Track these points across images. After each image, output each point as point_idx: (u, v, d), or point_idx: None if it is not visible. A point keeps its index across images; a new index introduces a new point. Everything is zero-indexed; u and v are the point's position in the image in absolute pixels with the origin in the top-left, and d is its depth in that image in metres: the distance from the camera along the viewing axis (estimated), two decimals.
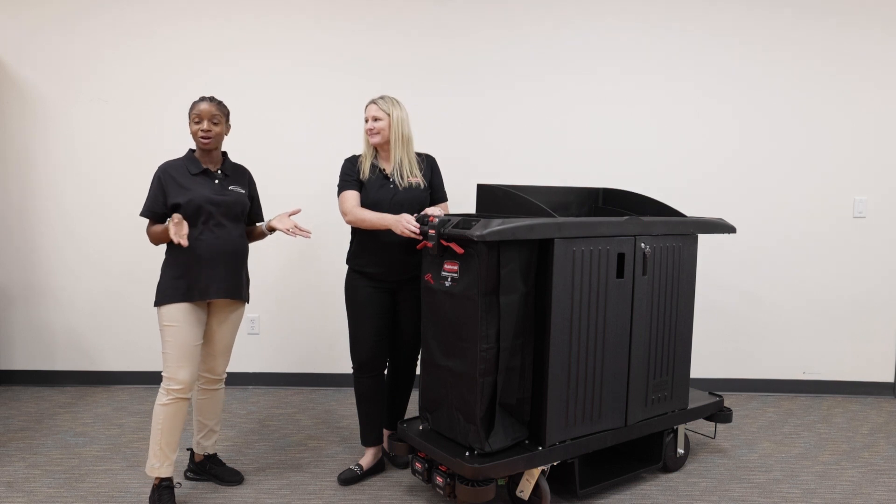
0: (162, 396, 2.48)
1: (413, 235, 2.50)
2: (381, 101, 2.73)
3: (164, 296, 2.48)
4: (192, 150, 2.60)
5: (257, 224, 2.78)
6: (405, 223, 2.50)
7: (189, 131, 2.60)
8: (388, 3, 3.89)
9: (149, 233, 2.53)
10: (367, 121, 2.74)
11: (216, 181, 2.56)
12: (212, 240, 2.51)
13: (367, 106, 2.75)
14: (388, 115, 2.71)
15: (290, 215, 2.63)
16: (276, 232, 3.95)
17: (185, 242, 2.33)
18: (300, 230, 2.56)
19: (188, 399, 2.51)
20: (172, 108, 3.91)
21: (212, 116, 2.51)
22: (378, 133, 2.72)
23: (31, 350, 4.06)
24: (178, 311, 2.47)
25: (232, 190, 2.58)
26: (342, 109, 3.93)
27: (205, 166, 2.56)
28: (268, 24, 3.89)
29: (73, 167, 3.94)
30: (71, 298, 4.02)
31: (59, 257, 4.00)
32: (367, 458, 2.87)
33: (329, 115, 3.94)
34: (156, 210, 2.50)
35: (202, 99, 2.53)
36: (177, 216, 2.38)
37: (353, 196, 2.71)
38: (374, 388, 2.82)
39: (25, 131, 3.93)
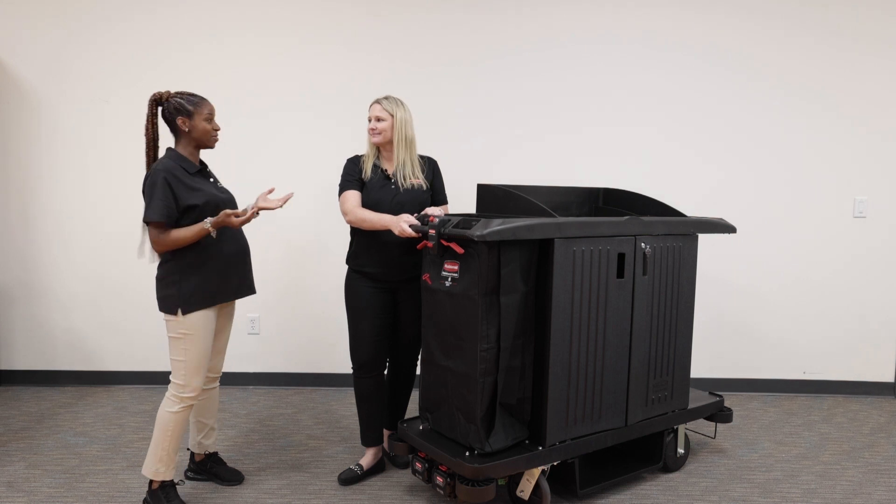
0: (173, 404, 2.42)
1: (413, 236, 2.50)
2: (385, 102, 2.72)
3: (192, 303, 2.36)
4: (171, 150, 2.44)
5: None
6: (405, 223, 2.50)
7: (183, 127, 2.42)
8: (390, 2, 3.89)
9: (167, 240, 2.31)
10: (369, 120, 2.74)
11: (211, 179, 2.53)
12: (232, 239, 2.49)
13: (370, 105, 2.75)
14: (392, 115, 2.71)
15: (267, 194, 2.50)
16: (277, 232, 3.97)
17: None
18: (282, 199, 2.47)
19: (195, 403, 2.51)
20: None
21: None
22: (380, 133, 2.71)
23: (31, 350, 4.06)
24: (204, 318, 2.40)
25: (224, 187, 2.58)
26: (343, 108, 3.93)
27: (197, 165, 2.49)
28: (270, 24, 3.89)
29: (73, 167, 3.94)
30: (71, 298, 4.02)
31: (60, 257, 3.99)
32: (368, 458, 2.87)
33: (330, 114, 3.94)
34: (171, 215, 2.32)
35: (204, 98, 2.49)
36: (227, 211, 2.30)
37: (353, 196, 2.71)
38: (375, 389, 2.82)
39: (25, 131, 3.92)
